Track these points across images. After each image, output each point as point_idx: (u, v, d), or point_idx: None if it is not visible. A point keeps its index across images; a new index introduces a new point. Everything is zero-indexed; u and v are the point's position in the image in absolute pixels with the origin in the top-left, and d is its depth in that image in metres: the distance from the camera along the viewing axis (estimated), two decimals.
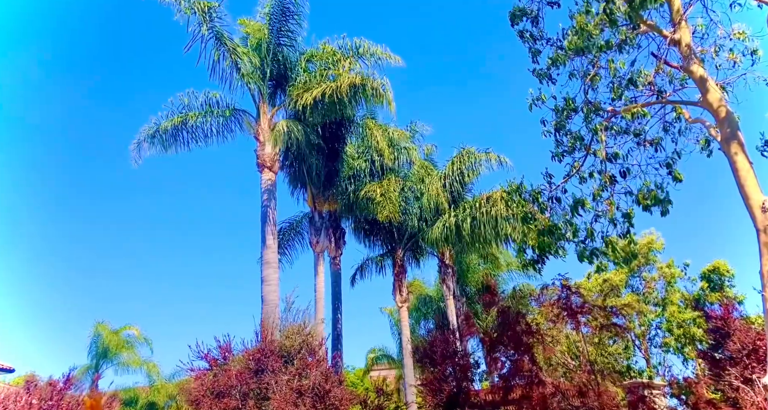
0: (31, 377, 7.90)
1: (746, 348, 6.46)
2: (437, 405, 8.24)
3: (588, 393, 6.93)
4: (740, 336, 6.68)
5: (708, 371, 6.94)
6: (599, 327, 8.34)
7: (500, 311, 9.00)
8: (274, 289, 12.13)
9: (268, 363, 7.55)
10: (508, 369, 8.23)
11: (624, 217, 6.75)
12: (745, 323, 7.15)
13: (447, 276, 19.34)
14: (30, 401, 7.21)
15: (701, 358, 7.86)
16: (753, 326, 7.03)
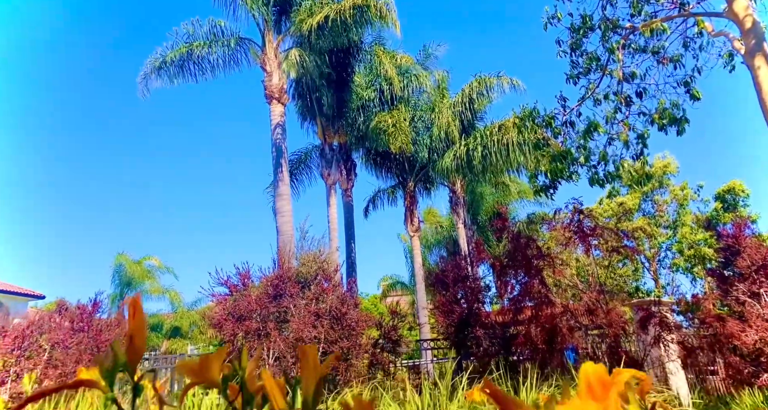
0: (62, 302, 8.37)
1: (755, 264, 6.55)
2: (449, 325, 8.57)
3: (596, 311, 7.15)
4: (751, 253, 6.74)
5: (716, 288, 7.07)
6: (610, 250, 8.44)
7: (511, 236, 9.10)
8: (288, 220, 12.37)
9: (286, 288, 7.84)
10: (519, 291, 8.44)
11: (638, 139, 6.64)
12: (757, 241, 7.19)
13: (458, 205, 19.51)
14: (62, 323, 7.70)
15: (710, 276, 7.99)
16: (765, 243, 7.06)
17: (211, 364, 1.06)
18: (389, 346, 8.19)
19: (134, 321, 0.85)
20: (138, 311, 0.87)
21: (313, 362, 0.92)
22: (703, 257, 16.98)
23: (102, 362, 0.85)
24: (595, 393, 0.72)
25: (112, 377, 0.84)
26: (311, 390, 0.88)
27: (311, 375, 0.89)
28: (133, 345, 0.85)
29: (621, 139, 6.45)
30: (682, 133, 6.14)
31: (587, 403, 0.71)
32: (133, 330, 0.85)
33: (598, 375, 0.73)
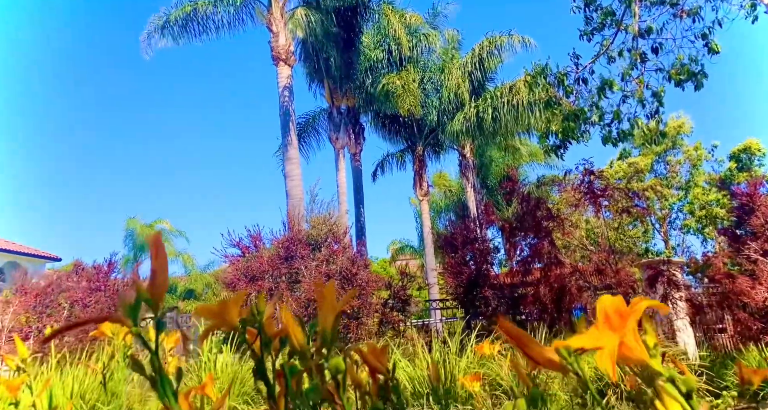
0: (78, 263, 8.58)
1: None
2: (458, 286, 8.66)
3: (605, 271, 7.18)
4: (765, 211, 6.67)
5: (728, 247, 7.05)
6: (620, 211, 8.39)
7: (521, 198, 9.06)
8: (298, 184, 12.39)
9: (297, 250, 7.93)
10: (528, 252, 8.48)
11: (653, 96, 6.47)
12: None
13: (467, 169, 19.40)
14: (79, 282, 7.92)
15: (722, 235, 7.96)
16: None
17: (229, 308, 1.07)
18: (399, 306, 8.33)
19: (157, 258, 0.86)
20: (160, 248, 0.87)
21: (330, 299, 0.93)
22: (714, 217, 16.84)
23: (125, 298, 0.86)
24: (613, 323, 0.72)
25: (136, 313, 0.85)
26: (329, 324, 0.89)
27: (329, 311, 0.90)
28: (155, 282, 0.86)
29: (636, 95, 6.28)
30: (700, 88, 5.97)
31: (605, 333, 0.72)
32: (156, 267, 0.86)
33: (616, 306, 0.73)
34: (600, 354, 0.68)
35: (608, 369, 0.67)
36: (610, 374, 0.66)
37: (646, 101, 6.38)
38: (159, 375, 0.86)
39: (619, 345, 0.69)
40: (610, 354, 0.67)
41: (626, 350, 0.69)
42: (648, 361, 0.69)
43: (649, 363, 0.69)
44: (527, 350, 0.91)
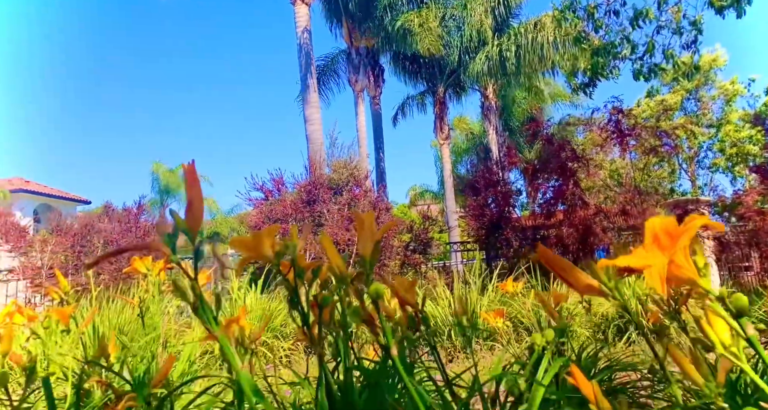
0: (108, 205, 8.84)
1: None
2: (479, 228, 8.69)
3: (631, 212, 7.09)
4: None
5: (759, 184, 6.85)
6: (647, 150, 8.16)
7: (545, 139, 8.88)
8: (318, 128, 12.30)
9: (319, 194, 7.99)
10: (551, 194, 8.39)
11: (691, 25, 6.08)
12: None
13: (489, 111, 18.94)
14: (111, 224, 8.20)
15: (753, 173, 7.72)
16: None
17: (263, 240, 1.07)
18: (420, 248, 8.43)
19: (192, 188, 0.85)
20: (195, 178, 0.86)
21: (370, 227, 0.92)
22: (746, 155, 16.26)
23: (163, 228, 0.86)
24: (662, 243, 0.69)
25: (174, 242, 0.85)
26: (369, 251, 0.89)
27: (368, 239, 0.90)
28: (192, 211, 0.86)
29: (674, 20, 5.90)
30: (742, 16, 5.58)
31: (653, 253, 0.69)
32: (192, 196, 0.85)
33: (666, 226, 0.70)
34: (649, 273, 0.66)
35: (657, 287, 0.65)
36: (659, 291, 0.65)
37: (683, 29, 6.00)
38: (200, 301, 0.88)
39: (668, 264, 0.67)
40: (659, 272, 0.65)
41: (676, 269, 0.67)
42: (697, 280, 0.67)
43: (699, 283, 0.67)
44: (566, 276, 0.90)
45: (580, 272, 0.89)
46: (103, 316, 2.58)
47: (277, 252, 1.18)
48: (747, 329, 0.66)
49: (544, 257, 0.88)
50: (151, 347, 2.28)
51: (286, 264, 1.19)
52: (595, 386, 0.99)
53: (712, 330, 0.73)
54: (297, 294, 1.18)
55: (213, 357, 2.87)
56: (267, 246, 1.10)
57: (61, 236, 7.83)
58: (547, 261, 0.88)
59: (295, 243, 1.24)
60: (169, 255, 0.85)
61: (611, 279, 0.86)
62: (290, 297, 1.24)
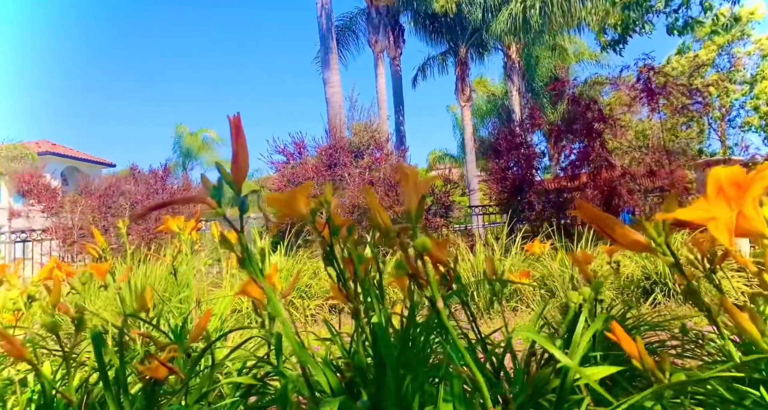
0: (135, 167, 9.01)
1: None
2: (502, 192, 8.61)
3: (658, 173, 6.92)
4: None
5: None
6: (677, 108, 7.87)
7: (571, 99, 8.62)
8: (337, 91, 12.14)
9: (340, 157, 7.97)
10: (576, 156, 8.21)
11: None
12: None
13: (512, 71, 18.46)
14: (137, 185, 8.37)
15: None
16: None
17: (298, 197, 1.06)
18: (441, 211, 8.41)
19: (237, 140, 0.84)
20: (240, 130, 0.85)
21: (414, 180, 0.91)
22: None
23: (208, 181, 0.86)
24: (727, 194, 0.66)
25: (220, 194, 0.85)
26: (414, 204, 0.87)
27: (413, 192, 0.88)
28: (237, 163, 0.85)
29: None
30: None
31: (718, 205, 0.66)
32: (237, 149, 0.85)
33: (732, 176, 0.66)
34: (714, 226, 0.63)
35: (724, 240, 0.62)
36: (727, 245, 0.62)
37: None
38: (246, 252, 0.88)
39: (737, 216, 0.63)
40: (727, 225, 0.62)
41: (744, 221, 0.63)
42: (766, 233, 0.64)
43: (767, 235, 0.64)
44: (611, 231, 0.87)
45: (627, 227, 0.86)
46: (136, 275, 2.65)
47: (312, 209, 1.17)
48: None
49: (585, 212, 0.85)
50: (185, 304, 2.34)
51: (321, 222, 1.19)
52: (639, 342, 0.98)
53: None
54: (333, 251, 1.18)
55: (241, 315, 2.94)
56: (302, 204, 1.09)
57: (89, 197, 8.03)
58: (589, 217, 0.86)
59: (329, 200, 1.23)
60: (215, 207, 0.85)
61: (660, 234, 0.83)
62: (325, 254, 1.24)
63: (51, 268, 1.47)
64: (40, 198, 8.45)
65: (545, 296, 4.45)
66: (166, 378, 1.09)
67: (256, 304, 1.55)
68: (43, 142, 19.66)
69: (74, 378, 1.31)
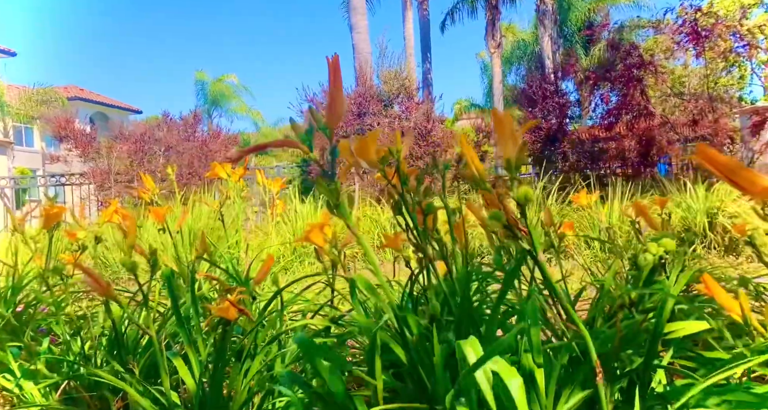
0: (166, 114, 9.00)
1: None
2: (535, 141, 8.40)
3: (701, 122, 6.63)
4: None
5: None
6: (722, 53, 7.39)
7: (610, 44, 8.20)
8: (365, 37, 11.76)
9: (369, 106, 7.82)
10: (615, 103, 7.90)
11: None
12: None
13: (545, 15, 17.53)
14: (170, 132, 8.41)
15: None
16: None
17: (368, 145, 1.02)
18: None
19: (335, 83, 0.80)
20: (338, 74, 0.81)
21: (509, 127, 0.85)
22: None
23: (298, 126, 0.83)
24: None
25: (311, 139, 0.82)
26: (512, 152, 0.82)
27: (509, 140, 0.83)
28: (333, 108, 0.81)
29: None
30: None
31: None
32: (335, 93, 0.80)
33: None
34: None
35: None
36: None
37: None
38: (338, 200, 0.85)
39: None
40: None
41: None
42: None
43: None
44: (736, 178, 0.81)
45: (755, 172, 0.79)
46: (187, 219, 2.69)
47: (382, 157, 1.13)
48: None
49: (707, 157, 0.79)
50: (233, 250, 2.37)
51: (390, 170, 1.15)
52: (743, 296, 0.93)
53: None
54: (404, 200, 1.15)
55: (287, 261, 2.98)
56: (371, 151, 1.05)
57: (124, 143, 8.13)
58: (711, 162, 0.79)
59: (399, 148, 1.19)
60: (308, 152, 0.81)
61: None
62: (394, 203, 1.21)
63: (113, 211, 1.47)
64: (77, 142, 8.58)
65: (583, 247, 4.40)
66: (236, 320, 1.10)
67: (318, 251, 1.54)
68: (72, 88, 19.78)
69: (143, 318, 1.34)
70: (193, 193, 3.69)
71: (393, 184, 1.10)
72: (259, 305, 1.39)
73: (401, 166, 1.13)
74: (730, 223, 4.35)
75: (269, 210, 2.52)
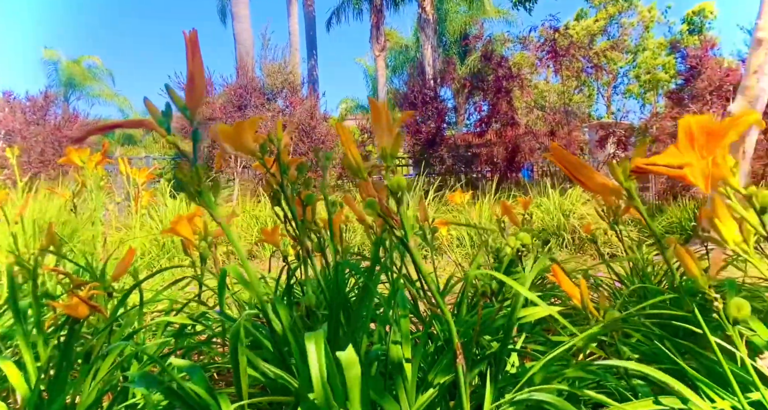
0: (9, 92, 7.71)
1: (712, 85, 6.70)
2: (415, 144, 8.74)
3: (558, 133, 7.39)
4: (710, 74, 6.83)
5: (672, 110, 7.32)
6: (576, 72, 8.34)
7: (483, 55, 8.81)
8: (247, 27, 11.33)
9: (251, 99, 7.56)
10: (486, 112, 8.50)
11: None
12: (717, 63, 7.24)
13: (426, 24, 18.32)
14: (13, 112, 7.27)
15: (668, 98, 8.24)
16: (724, 65, 7.14)
17: (245, 131, 0.99)
18: None
19: (194, 60, 0.74)
20: (196, 50, 0.75)
21: (386, 117, 0.86)
22: (657, 82, 17.14)
23: (154, 107, 0.76)
24: (698, 142, 0.69)
25: (168, 121, 0.76)
26: (388, 142, 0.83)
27: (386, 130, 0.84)
28: (193, 87, 0.76)
29: None
30: None
31: (688, 153, 0.69)
32: (194, 71, 0.75)
33: (703, 125, 0.69)
34: (691, 172, 0.66)
35: (701, 185, 0.66)
36: (703, 189, 0.66)
37: None
38: (201, 186, 0.80)
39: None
40: (703, 171, 0.66)
41: (715, 168, 0.67)
42: (730, 179, 0.69)
43: (730, 181, 0.69)
44: (579, 175, 0.90)
45: (595, 171, 0.89)
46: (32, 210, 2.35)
47: (261, 145, 1.10)
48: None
49: (557, 155, 0.87)
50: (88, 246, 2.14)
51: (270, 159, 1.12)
52: (583, 283, 1.05)
53: (725, 228, 0.76)
54: (283, 190, 1.12)
55: (151, 258, 2.76)
56: (250, 138, 1.02)
57: None
58: (560, 160, 0.87)
59: (280, 136, 1.16)
60: (165, 135, 0.76)
61: (627, 179, 0.87)
62: (273, 194, 1.18)
63: None
64: None
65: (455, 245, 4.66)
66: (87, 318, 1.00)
67: (185, 244, 1.45)
68: None
69: None
70: (41, 182, 3.27)
71: (272, 173, 1.08)
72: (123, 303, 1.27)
73: (282, 154, 1.10)
74: (579, 224, 4.88)
75: (134, 202, 2.33)
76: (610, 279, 1.85)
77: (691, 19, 19.46)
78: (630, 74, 19.22)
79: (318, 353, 0.74)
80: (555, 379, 0.93)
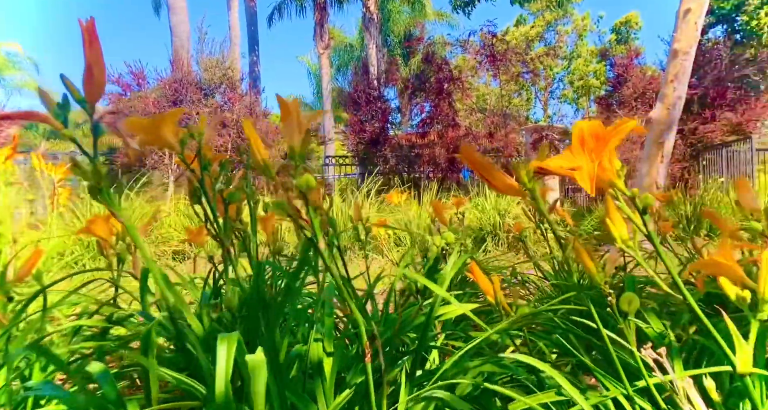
0: None
1: (637, 92, 7.16)
2: (359, 143, 8.75)
3: (496, 135, 7.62)
4: (635, 81, 7.31)
5: (600, 114, 7.73)
6: (515, 75, 8.65)
7: (425, 57, 8.94)
8: (184, 19, 10.93)
9: (187, 94, 7.31)
10: (428, 113, 8.64)
11: None
12: (641, 71, 7.74)
13: (371, 24, 18.37)
14: None
15: (597, 104, 8.70)
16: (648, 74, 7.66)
17: (164, 124, 0.96)
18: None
19: (92, 49, 0.71)
20: (95, 38, 0.72)
21: (296, 115, 0.86)
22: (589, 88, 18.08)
23: (52, 101, 0.72)
24: (588, 145, 0.74)
25: (66, 113, 0.72)
26: (297, 141, 0.83)
27: (296, 128, 0.84)
28: (91, 78, 0.72)
29: None
30: None
31: (579, 156, 0.74)
32: (91, 60, 0.71)
33: (593, 129, 0.74)
34: (579, 175, 0.70)
35: (587, 187, 0.70)
36: (588, 191, 0.70)
37: None
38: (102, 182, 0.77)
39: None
40: (590, 173, 0.70)
41: (601, 171, 0.72)
42: (616, 181, 0.74)
43: (617, 183, 0.74)
44: (488, 175, 0.93)
45: (502, 173, 0.92)
46: None
47: (181, 139, 1.06)
48: (648, 225, 0.75)
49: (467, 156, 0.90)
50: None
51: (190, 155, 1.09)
52: (496, 280, 1.09)
53: (615, 227, 0.82)
54: (203, 187, 1.09)
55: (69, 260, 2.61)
56: (170, 132, 0.99)
57: None
58: (469, 160, 0.90)
59: (202, 131, 1.13)
60: (61, 128, 0.72)
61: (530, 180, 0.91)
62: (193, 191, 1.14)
63: None
64: None
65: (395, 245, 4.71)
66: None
67: (101, 245, 1.38)
68: None
69: None
70: None
71: (192, 168, 1.04)
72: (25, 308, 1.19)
73: (203, 149, 1.07)
74: (512, 223, 5.05)
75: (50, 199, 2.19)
76: (536, 276, 1.93)
77: (619, 29, 20.65)
78: (565, 80, 20.09)
79: (228, 355, 0.73)
80: (469, 374, 0.96)
